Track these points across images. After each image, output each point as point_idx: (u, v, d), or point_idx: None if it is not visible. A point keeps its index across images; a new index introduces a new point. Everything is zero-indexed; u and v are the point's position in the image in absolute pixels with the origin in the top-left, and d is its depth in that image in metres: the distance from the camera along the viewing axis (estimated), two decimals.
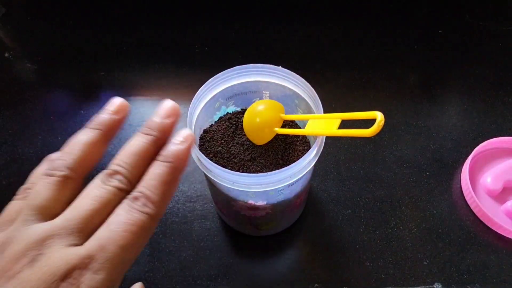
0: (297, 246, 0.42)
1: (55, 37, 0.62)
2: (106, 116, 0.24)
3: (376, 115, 0.24)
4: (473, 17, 0.62)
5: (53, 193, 0.21)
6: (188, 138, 0.24)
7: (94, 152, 0.23)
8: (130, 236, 0.19)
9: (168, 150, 0.23)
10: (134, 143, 0.23)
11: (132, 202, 0.20)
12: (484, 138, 0.47)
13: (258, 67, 0.35)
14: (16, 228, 0.20)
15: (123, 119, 0.25)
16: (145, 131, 0.24)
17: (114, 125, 0.24)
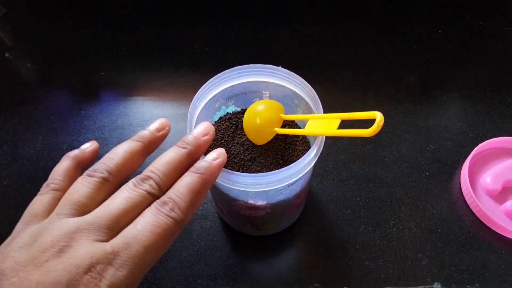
0: (297, 246, 0.42)
1: (55, 37, 0.62)
2: (148, 131, 0.26)
3: (375, 115, 0.24)
4: (473, 17, 0.62)
5: (90, 192, 0.22)
6: (221, 155, 0.26)
7: (133, 161, 0.25)
8: (155, 237, 0.20)
9: (201, 163, 0.24)
10: (169, 154, 0.25)
11: (160, 206, 0.22)
12: (484, 138, 0.47)
13: (258, 67, 0.35)
14: (50, 221, 0.21)
15: (164, 136, 0.27)
16: (181, 144, 0.25)
17: (155, 140, 0.27)
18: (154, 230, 0.20)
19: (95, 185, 0.23)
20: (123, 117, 0.52)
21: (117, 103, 0.54)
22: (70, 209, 0.21)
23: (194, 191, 0.23)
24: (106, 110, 0.53)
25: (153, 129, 0.27)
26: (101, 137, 0.50)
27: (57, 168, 0.26)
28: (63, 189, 0.24)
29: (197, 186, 0.23)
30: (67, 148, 0.49)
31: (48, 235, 0.20)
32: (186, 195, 0.22)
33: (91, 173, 0.23)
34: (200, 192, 0.23)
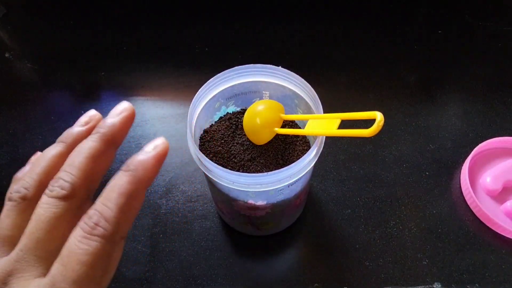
0: (297, 246, 0.42)
1: (55, 37, 0.62)
2: (75, 130, 0.23)
3: (375, 115, 0.24)
4: (473, 17, 0.62)
5: (12, 221, 0.19)
6: (159, 146, 0.21)
7: (58, 167, 0.20)
8: (83, 268, 0.17)
9: (132, 159, 0.20)
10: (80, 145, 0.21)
11: (85, 223, 0.18)
12: (484, 138, 0.47)
13: (258, 67, 0.35)
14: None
15: (91, 129, 0.23)
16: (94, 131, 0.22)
17: (81, 137, 0.22)
18: (79, 259, 0.17)
19: (15, 210, 0.19)
20: None
21: (117, 103, 0.53)
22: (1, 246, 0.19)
23: (123, 193, 0.19)
24: (106, 110, 0.53)
25: (80, 124, 0.23)
26: None
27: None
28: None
29: (127, 187, 0.19)
30: None
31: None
32: (113, 200, 0.19)
33: (10, 195, 0.20)
34: (132, 194, 0.19)
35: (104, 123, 0.22)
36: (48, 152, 0.21)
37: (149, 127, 0.51)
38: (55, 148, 0.21)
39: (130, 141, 0.50)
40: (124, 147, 0.49)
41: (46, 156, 0.21)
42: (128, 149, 0.49)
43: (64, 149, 0.22)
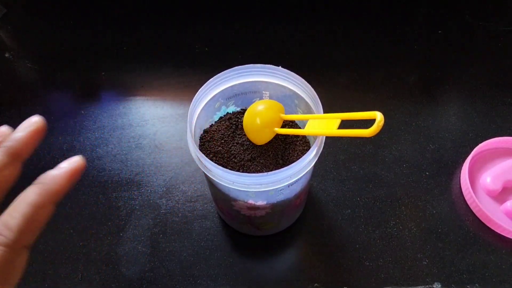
0: (297, 246, 0.42)
1: (55, 37, 0.62)
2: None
3: (375, 115, 0.24)
4: (473, 17, 0.62)
5: None
6: (73, 163, 0.21)
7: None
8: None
9: (46, 173, 0.20)
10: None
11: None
12: (484, 138, 0.47)
13: (258, 67, 0.35)
14: None
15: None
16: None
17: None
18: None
19: None
20: (123, 117, 0.52)
21: (117, 103, 0.54)
22: None
23: (29, 203, 0.19)
24: (106, 110, 0.53)
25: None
26: (101, 137, 0.50)
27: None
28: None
29: (35, 198, 0.19)
30: (67, 148, 0.49)
31: None
32: (18, 209, 0.18)
33: None
34: (39, 204, 0.19)
35: (10, 137, 0.21)
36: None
37: (149, 127, 0.51)
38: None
39: (130, 141, 0.50)
40: (124, 147, 0.49)
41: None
42: (128, 149, 0.49)
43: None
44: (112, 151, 0.49)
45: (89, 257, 0.41)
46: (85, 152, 0.49)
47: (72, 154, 0.50)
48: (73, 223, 0.43)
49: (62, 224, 0.43)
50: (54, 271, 0.40)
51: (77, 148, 0.49)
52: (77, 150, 0.49)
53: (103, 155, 0.49)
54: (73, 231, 0.43)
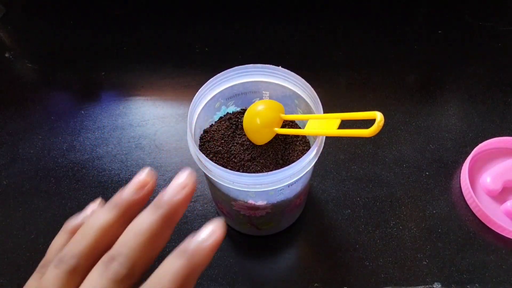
0: (297, 246, 0.42)
1: (55, 37, 0.62)
2: (125, 197, 0.20)
3: (375, 115, 0.24)
4: (473, 17, 0.62)
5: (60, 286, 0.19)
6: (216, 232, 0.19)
7: (109, 237, 0.20)
8: None
9: (190, 244, 0.19)
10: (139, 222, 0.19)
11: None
12: (484, 138, 0.47)
13: (258, 67, 0.35)
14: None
15: (147, 196, 0.21)
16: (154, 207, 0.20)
17: (134, 204, 0.20)
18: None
19: (62, 279, 0.19)
20: (123, 117, 0.52)
21: (117, 103, 0.54)
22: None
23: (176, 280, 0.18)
24: (106, 110, 0.53)
25: (131, 192, 0.20)
26: (101, 137, 0.50)
27: (52, 246, 0.22)
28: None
29: (182, 273, 0.18)
30: (67, 148, 0.49)
31: None
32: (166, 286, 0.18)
33: (57, 264, 0.19)
34: (185, 280, 0.18)
35: (164, 198, 0.20)
36: (99, 220, 0.20)
37: (149, 127, 0.51)
38: (106, 216, 0.20)
39: (130, 141, 0.50)
40: (124, 147, 0.49)
41: (96, 224, 0.20)
42: (128, 149, 0.49)
43: (116, 218, 0.20)
44: (112, 151, 0.49)
45: None
46: (85, 152, 0.49)
47: (72, 154, 0.50)
48: None
49: (62, 224, 0.43)
50: None
51: (77, 148, 0.49)
52: (77, 150, 0.49)
53: (103, 155, 0.49)
54: None
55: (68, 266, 0.19)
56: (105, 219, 0.20)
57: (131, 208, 0.20)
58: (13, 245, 0.42)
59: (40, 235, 0.43)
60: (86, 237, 0.19)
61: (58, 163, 0.48)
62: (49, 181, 0.47)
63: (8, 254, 0.41)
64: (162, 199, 0.20)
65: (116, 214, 0.20)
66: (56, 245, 0.22)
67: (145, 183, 0.21)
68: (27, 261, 0.41)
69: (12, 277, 0.40)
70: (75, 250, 0.19)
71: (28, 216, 0.44)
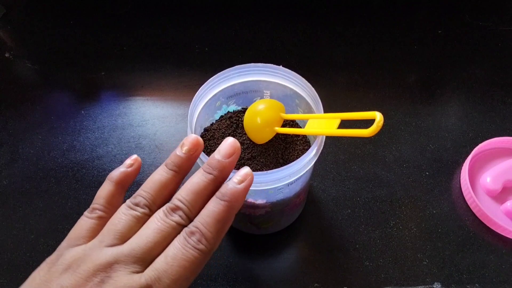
0: (297, 245, 0.42)
1: (55, 37, 0.62)
2: (182, 156, 0.26)
3: (375, 115, 0.24)
4: (473, 17, 0.62)
5: (132, 224, 0.24)
6: (247, 177, 0.25)
7: (170, 190, 0.25)
8: (183, 271, 0.22)
9: (226, 189, 0.24)
10: (195, 181, 0.25)
11: (188, 237, 0.23)
12: (484, 138, 0.47)
13: (259, 66, 0.35)
14: (93, 247, 0.23)
15: (196, 157, 0.26)
16: (207, 169, 0.25)
17: (188, 164, 0.26)
18: (182, 264, 0.22)
19: (137, 218, 0.24)
20: (123, 117, 0.52)
21: (117, 103, 0.54)
22: (112, 239, 0.23)
23: (220, 220, 0.23)
24: (106, 110, 0.53)
25: (185, 152, 0.26)
26: (101, 137, 0.50)
27: (101, 192, 0.27)
28: (108, 216, 0.25)
29: (223, 215, 0.23)
30: (67, 148, 0.49)
31: (91, 263, 0.22)
32: (212, 225, 0.23)
33: (133, 206, 0.24)
34: (226, 220, 0.23)
35: (214, 162, 0.25)
36: (160, 176, 0.25)
37: (149, 127, 0.51)
38: (166, 174, 0.25)
39: (130, 141, 0.50)
40: (124, 147, 0.49)
41: (158, 180, 0.25)
42: (128, 149, 0.49)
43: (173, 176, 0.25)
44: (112, 151, 0.49)
45: None
46: (85, 152, 0.49)
47: (72, 154, 0.50)
48: (73, 223, 0.43)
49: (62, 224, 0.43)
50: None
51: (77, 148, 0.49)
52: (77, 150, 0.49)
53: (103, 155, 0.49)
54: None
55: (142, 211, 0.24)
56: (167, 177, 0.25)
57: (186, 167, 0.26)
58: (13, 245, 0.42)
59: (40, 235, 0.43)
60: (153, 191, 0.25)
61: (58, 163, 0.48)
62: (49, 181, 0.47)
63: (8, 254, 0.41)
64: (213, 163, 0.25)
65: (174, 174, 0.26)
66: (104, 193, 0.26)
67: (196, 147, 0.26)
68: (27, 261, 0.41)
69: (12, 277, 0.40)
70: (146, 201, 0.24)
71: (28, 216, 0.44)
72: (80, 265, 0.22)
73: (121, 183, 0.27)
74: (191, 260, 0.22)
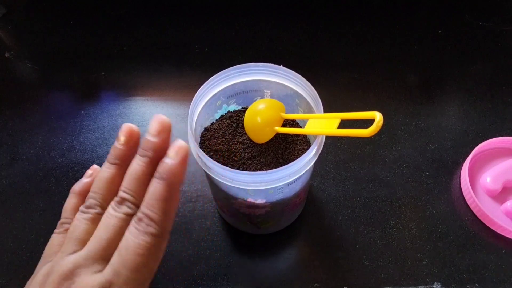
0: (297, 245, 0.42)
1: (55, 37, 0.62)
2: (121, 147, 0.26)
3: (375, 115, 0.24)
4: (473, 17, 0.62)
5: (87, 227, 0.24)
6: (180, 151, 0.24)
7: (117, 185, 0.25)
8: (140, 258, 0.22)
9: (162, 167, 0.24)
10: (133, 168, 0.24)
11: (137, 224, 0.23)
12: (484, 138, 0.47)
13: (260, 66, 0.35)
14: (57, 259, 0.23)
15: (135, 145, 0.26)
16: (141, 152, 0.25)
17: (129, 154, 0.26)
18: (137, 251, 0.22)
19: (91, 220, 0.24)
20: (123, 117, 0.52)
21: (117, 103, 0.54)
22: (72, 246, 0.23)
23: (162, 199, 0.23)
24: (106, 110, 0.53)
25: (122, 143, 0.26)
26: (101, 137, 0.50)
27: (66, 206, 0.28)
28: None
29: (164, 194, 0.23)
30: (67, 148, 0.49)
31: (56, 273, 0.22)
32: (156, 206, 0.23)
33: (86, 210, 0.25)
34: (169, 198, 0.23)
35: (147, 143, 0.25)
36: (105, 173, 0.25)
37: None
38: (109, 169, 0.25)
39: None
40: None
41: (104, 177, 0.25)
42: None
43: (117, 170, 0.25)
44: None
45: None
46: (85, 152, 0.49)
47: (72, 154, 0.50)
48: None
49: None
50: None
51: (77, 148, 0.49)
52: (77, 150, 0.49)
53: (103, 155, 0.49)
54: None
55: (94, 212, 0.25)
56: (111, 173, 0.25)
57: (127, 159, 0.26)
58: (13, 245, 0.42)
59: (40, 235, 0.43)
60: (101, 190, 0.25)
61: (58, 163, 0.48)
62: (49, 181, 0.47)
63: (8, 254, 0.41)
64: (145, 145, 0.24)
65: (118, 167, 0.26)
66: (68, 207, 0.28)
67: (131, 136, 0.26)
68: (27, 261, 0.41)
69: (12, 277, 0.40)
70: (97, 201, 0.25)
71: (28, 216, 0.44)
72: (47, 279, 0.22)
73: (83, 193, 0.28)
74: (145, 246, 0.22)
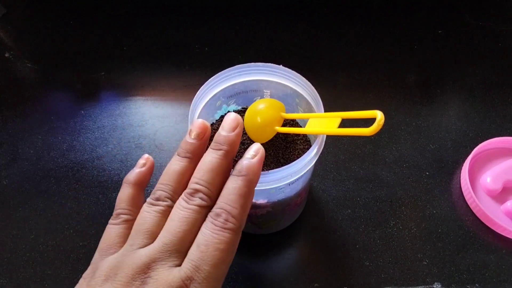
0: (297, 245, 0.42)
1: (55, 37, 0.62)
2: (193, 142, 0.26)
3: (376, 114, 0.24)
4: (473, 17, 0.62)
5: (158, 220, 0.24)
6: (258, 151, 0.25)
7: (187, 179, 0.25)
8: (219, 254, 0.22)
9: (242, 165, 0.24)
10: (207, 160, 0.25)
11: (215, 219, 0.23)
12: (484, 138, 0.47)
13: (259, 65, 0.35)
14: (126, 252, 0.23)
15: (206, 140, 0.27)
16: (216, 146, 0.25)
17: (201, 149, 0.26)
18: (216, 247, 0.22)
19: (161, 213, 0.24)
20: (123, 117, 0.52)
21: (117, 103, 0.54)
22: (142, 239, 0.23)
23: (242, 195, 0.23)
24: (106, 110, 0.53)
25: (194, 137, 0.26)
26: (101, 137, 0.50)
27: (121, 196, 0.27)
28: (133, 218, 0.25)
29: (244, 189, 0.24)
30: (67, 148, 0.49)
31: (128, 268, 0.22)
32: (235, 201, 0.23)
33: (155, 202, 0.25)
34: (247, 194, 0.24)
35: (221, 138, 0.25)
36: (176, 166, 0.25)
37: (149, 127, 0.51)
38: (181, 162, 0.26)
39: (130, 141, 0.50)
40: (124, 147, 0.49)
41: (175, 169, 0.25)
42: (128, 149, 0.49)
43: (188, 163, 0.26)
44: (112, 151, 0.49)
45: (89, 257, 0.41)
46: (85, 152, 0.49)
47: (72, 154, 0.50)
48: (73, 223, 0.43)
49: (62, 224, 0.43)
50: (54, 271, 0.40)
51: (77, 148, 0.49)
52: (77, 150, 0.49)
53: (103, 155, 0.49)
54: (73, 231, 0.43)
55: (165, 204, 0.24)
56: (181, 166, 0.25)
57: (199, 153, 0.26)
58: (13, 245, 0.42)
59: (40, 235, 0.43)
60: (171, 182, 0.25)
61: (58, 163, 0.48)
62: (49, 181, 0.47)
63: (8, 254, 0.41)
64: (219, 139, 0.25)
65: (189, 160, 0.26)
66: (124, 197, 0.27)
67: (204, 131, 0.26)
68: (27, 261, 0.41)
69: (12, 277, 0.40)
70: (167, 193, 0.25)
71: (28, 216, 0.44)
72: (117, 273, 0.22)
73: (138, 183, 0.27)
74: (224, 241, 0.22)
